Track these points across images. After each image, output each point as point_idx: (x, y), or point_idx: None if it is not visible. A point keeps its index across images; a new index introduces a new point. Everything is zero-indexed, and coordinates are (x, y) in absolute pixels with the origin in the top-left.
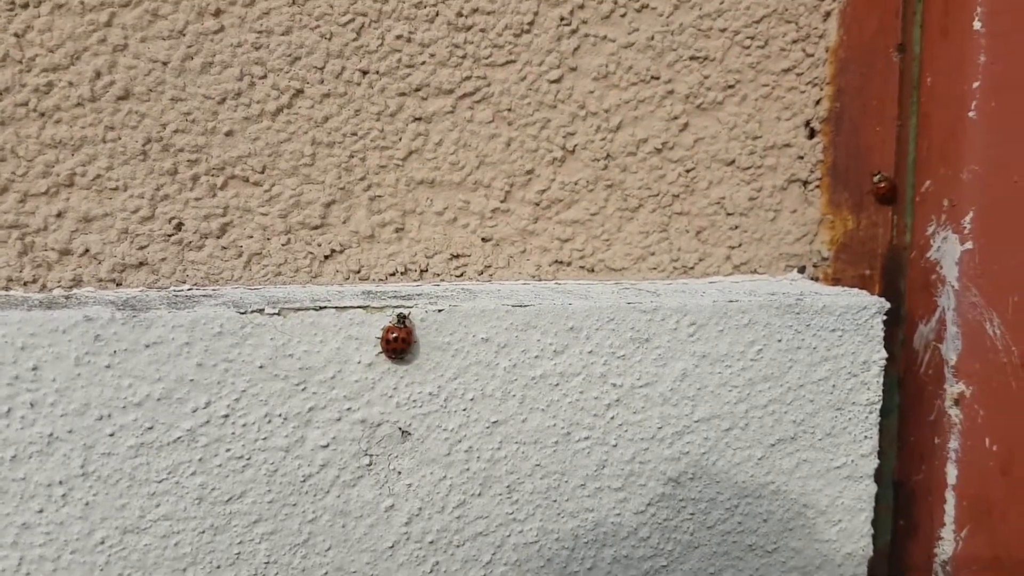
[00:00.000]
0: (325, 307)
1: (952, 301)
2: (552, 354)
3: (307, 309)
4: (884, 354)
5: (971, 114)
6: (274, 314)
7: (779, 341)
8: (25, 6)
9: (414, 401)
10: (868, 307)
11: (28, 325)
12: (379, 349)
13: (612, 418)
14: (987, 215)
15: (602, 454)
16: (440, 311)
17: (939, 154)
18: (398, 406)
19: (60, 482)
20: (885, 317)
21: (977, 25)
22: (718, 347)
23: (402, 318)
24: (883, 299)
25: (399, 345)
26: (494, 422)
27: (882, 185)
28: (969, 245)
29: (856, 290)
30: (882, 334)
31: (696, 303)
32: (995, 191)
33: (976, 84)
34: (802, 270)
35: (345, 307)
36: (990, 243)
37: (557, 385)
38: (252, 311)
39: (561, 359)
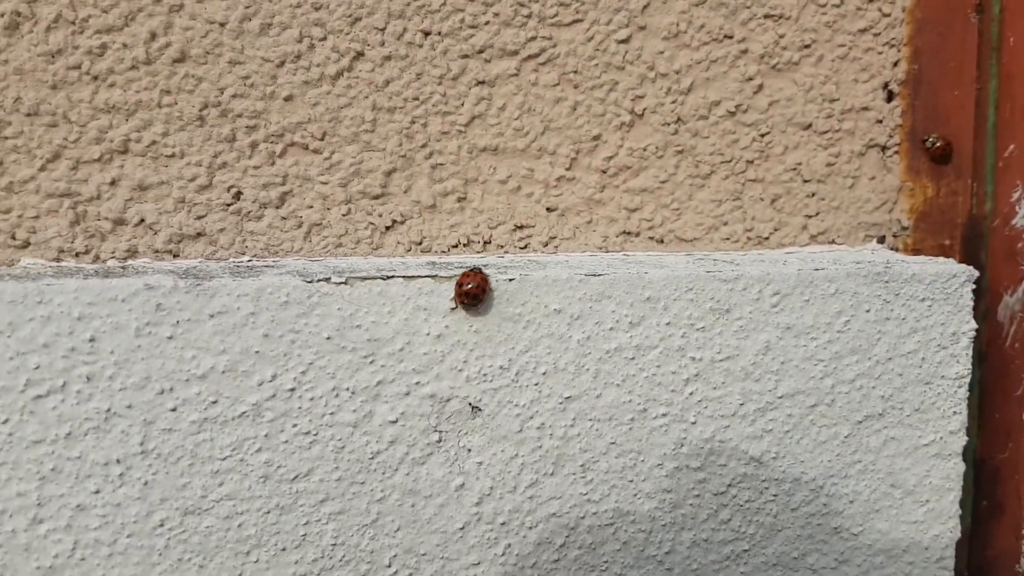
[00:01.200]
0: (392, 276)
1: None
2: (628, 326)
3: (374, 278)
4: (974, 325)
5: None
6: (341, 283)
7: (867, 311)
8: None
9: (484, 375)
10: (958, 275)
11: (85, 294)
12: (447, 323)
13: (691, 394)
14: None
15: (680, 432)
16: (511, 280)
17: (1023, 115)
18: (468, 380)
19: (117, 460)
20: (974, 286)
21: None
22: (803, 318)
23: (477, 269)
24: (972, 268)
25: (475, 291)
26: (567, 397)
27: (937, 146)
28: None
29: (943, 258)
30: (971, 304)
31: (779, 272)
32: None
33: None
34: (882, 240)
35: (413, 276)
36: None
37: (633, 359)
38: (318, 280)
39: (637, 331)
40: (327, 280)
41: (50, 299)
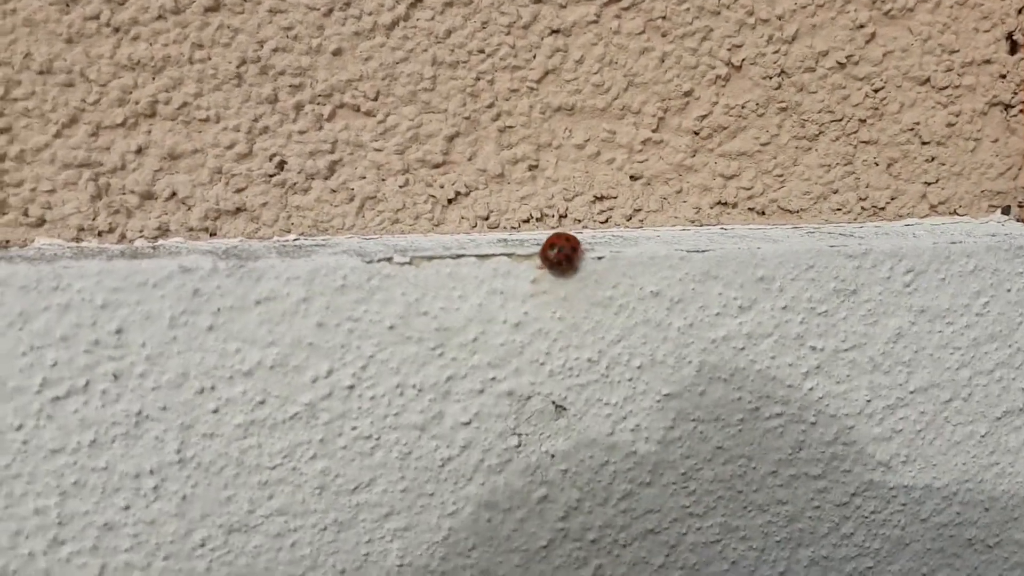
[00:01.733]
0: (463, 255)
1: None
2: (737, 311)
3: (443, 257)
4: None
5: None
6: (405, 263)
7: (1008, 291)
8: None
9: (570, 369)
10: None
11: (110, 278)
12: (526, 308)
13: (811, 389)
14: None
15: (798, 434)
16: (600, 259)
17: None
18: (551, 375)
19: (151, 471)
20: None
21: None
22: (939, 300)
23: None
24: None
25: (563, 256)
26: (666, 395)
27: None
28: None
29: None
30: None
31: (912, 246)
32: None
33: None
34: (1007, 211)
35: (487, 255)
36: None
37: (743, 349)
38: (379, 260)
39: (748, 317)
40: (389, 260)
41: (68, 284)
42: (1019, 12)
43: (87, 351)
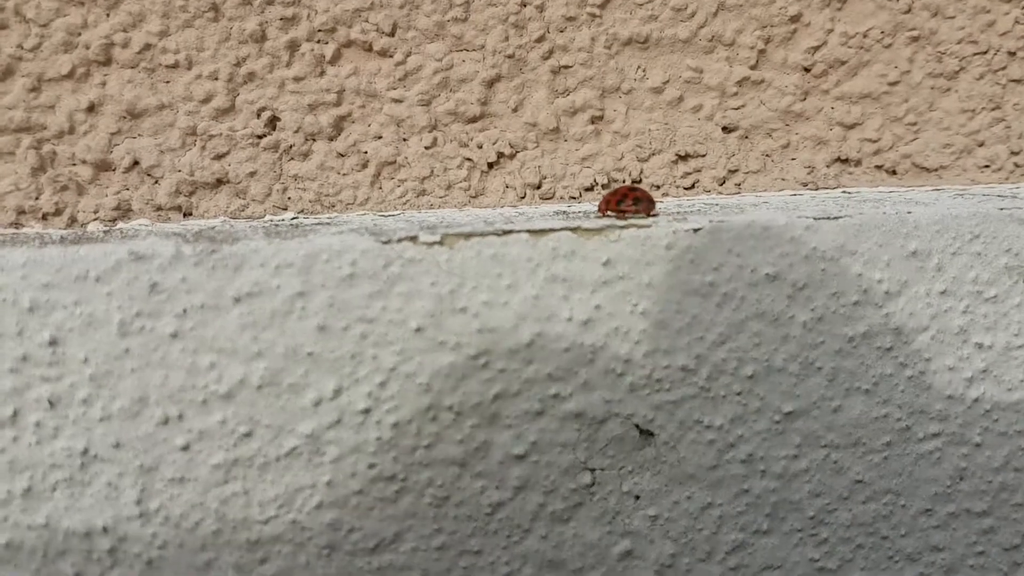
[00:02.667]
0: (511, 231)
1: None
2: (882, 297)
3: (485, 234)
4: None
5: None
6: (434, 242)
7: None
8: None
9: (658, 381)
10: None
11: (39, 271)
12: (597, 300)
13: (976, 400)
14: None
15: (959, 459)
16: (696, 231)
17: None
18: (632, 390)
19: (104, 528)
20: None
21: None
22: None
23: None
24: None
25: (636, 200)
26: (788, 413)
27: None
28: None
29: None
30: None
31: None
32: None
33: None
34: None
35: (544, 230)
36: None
37: (890, 349)
38: (400, 239)
39: (896, 305)
40: (413, 239)
41: None
42: None
43: (12, 370)
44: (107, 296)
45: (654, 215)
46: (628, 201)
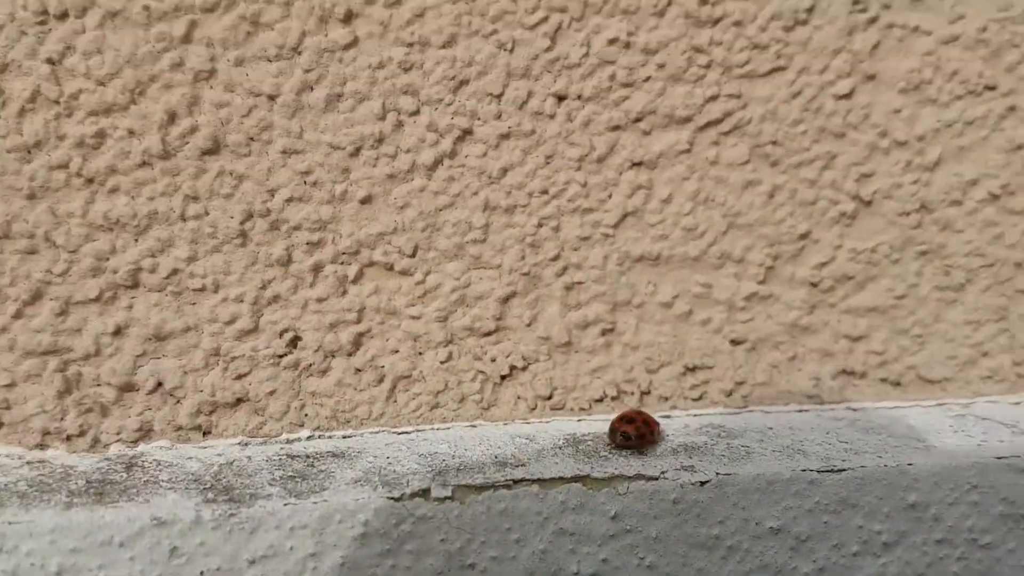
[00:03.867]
0: (522, 481)
1: None
2: (880, 548)
3: (495, 487)
4: None
5: None
6: (446, 498)
7: None
8: (63, 16)
9: None
10: None
11: (66, 536)
12: (605, 554)
13: None
14: None
15: None
16: (703, 484)
17: None
18: None
19: None
20: None
21: None
22: None
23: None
24: None
25: (634, 443)
26: None
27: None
28: None
29: None
30: None
31: None
32: None
33: None
34: None
35: (553, 479)
36: None
37: None
38: (412, 495)
39: (894, 556)
40: (425, 495)
41: (15, 547)
42: None
43: None
44: (130, 560)
45: (660, 440)
46: (634, 427)
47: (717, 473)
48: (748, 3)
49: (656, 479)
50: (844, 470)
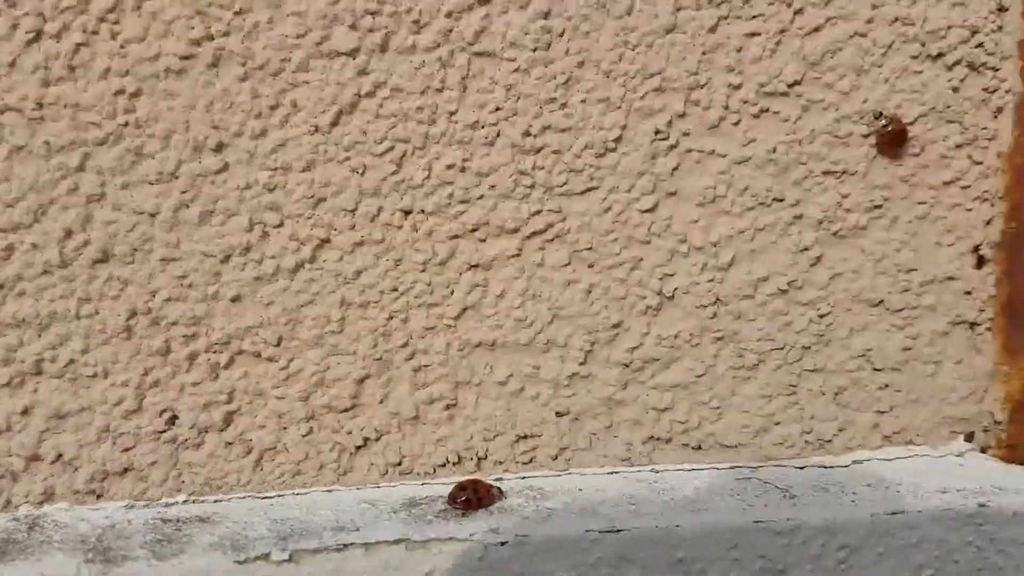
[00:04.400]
0: (350, 545)
1: None
2: None
3: (326, 551)
4: None
5: None
6: (284, 561)
7: (956, 563)
8: None
9: None
10: None
11: None
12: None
13: None
14: None
15: None
16: (503, 544)
17: None
18: None
19: None
20: None
21: None
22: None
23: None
24: None
25: (468, 506)
26: None
27: (889, 130)
28: None
29: None
30: None
31: (847, 518)
32: None
33: None
34: (970, 437)
35: (376, 543)
36: None
37: None
38: (255, 558)
39: None
40: (266, 557)
41: None
42: (986, 224)
43: None
44: None
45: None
46: (465, 495)
47: (516, 535)
48: (564, 135)
49: (465, 540)
50: (622, 531)
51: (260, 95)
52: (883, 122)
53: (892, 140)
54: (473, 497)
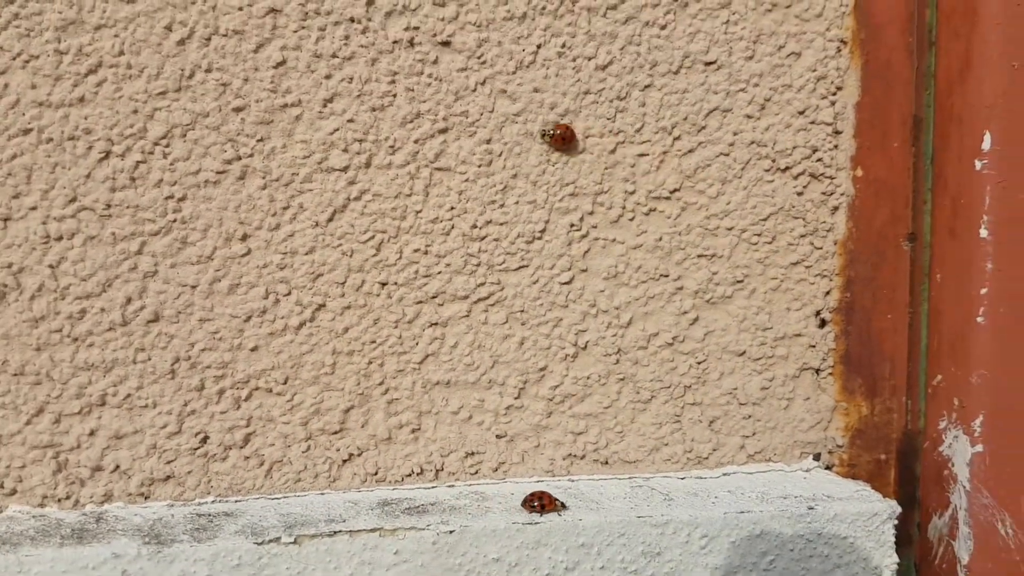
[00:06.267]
0: (338, 532)
1: (964, 501)
2: (563, 571)
3: (321, 536)
4: (895, 559)
5: (980, 319)
6: (290, 543)
7: (791, 551)
8: (59, 239)
9: None
10: (879, 513)
11: (60, 564)
12: (390, 574)
13: None
14: (998, 419)
15: None
16: (451, 532)
17: (949, 352)
18: None
19: None
20: (896, 521)
21: (984, 233)
22: (731, 559)
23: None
24: (894, 503)
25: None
26: None
27: (557, 134)
28: (979, 448)
29: (867, 490)
30: (893, 539)
31: (707, 515)
32: (1006, 397)
33: (984, 291)
34: (817, 457)
35: (358, 531)
36: (1001, 447)
37: None
38: (269, 541)
39: (573, 575)
40: (277, 540)
41: (29, 569)
42: (826, 294)
43: None
44: None
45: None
46: (535, 501)
47: (461, 525)
48: (503, 227)
49: (423, 529)
50: (539, 524)
51: (275, 199)
52: (551, 130)
53: (562, 140)
54: (538, 504)
